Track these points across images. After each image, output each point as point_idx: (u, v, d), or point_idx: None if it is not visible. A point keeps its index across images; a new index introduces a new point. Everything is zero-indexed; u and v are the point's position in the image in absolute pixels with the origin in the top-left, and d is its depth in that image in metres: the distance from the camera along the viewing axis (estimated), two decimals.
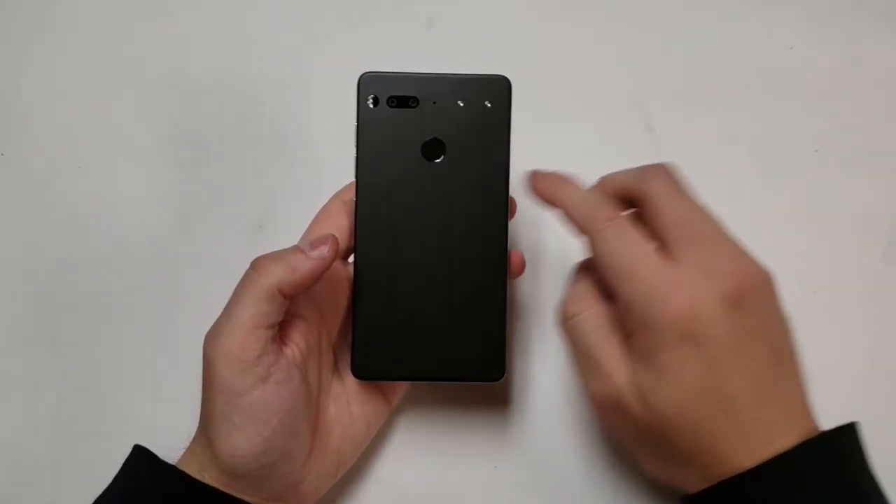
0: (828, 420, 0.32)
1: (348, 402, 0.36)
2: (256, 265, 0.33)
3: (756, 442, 0.30)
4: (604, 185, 0.34)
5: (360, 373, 0.35)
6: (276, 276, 0.32)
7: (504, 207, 0.35)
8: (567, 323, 0.33)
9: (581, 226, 0.33)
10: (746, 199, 0.44)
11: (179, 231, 0.44)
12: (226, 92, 0.47)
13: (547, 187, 0.34)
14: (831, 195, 0.44)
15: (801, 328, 0.41)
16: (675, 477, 0.32)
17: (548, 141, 0.45)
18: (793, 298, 0.42)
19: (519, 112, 0.36)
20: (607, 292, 0.33)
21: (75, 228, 0.45)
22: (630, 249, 0.31)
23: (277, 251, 0.33)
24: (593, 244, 0.32)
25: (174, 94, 0.47)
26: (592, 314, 0.32)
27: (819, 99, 0.45)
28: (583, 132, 0.45)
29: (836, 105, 0.45)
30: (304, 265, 0.32)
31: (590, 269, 0.34)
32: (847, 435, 0.31)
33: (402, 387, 0.39)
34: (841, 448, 0.30)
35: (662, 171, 0.33)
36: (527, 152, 0.40)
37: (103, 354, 0.43)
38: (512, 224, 0.36)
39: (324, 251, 0.33)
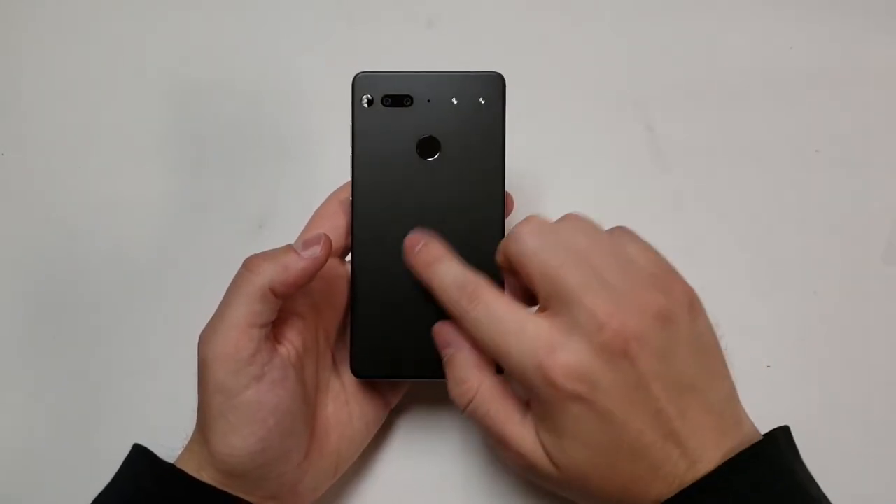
0: (829, 419, 0.32)
1: (347, 401, 0.36)
2: (248, 264, 0.33)
3: (671, 476, 0.29)
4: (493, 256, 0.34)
5: (360, 372, 0.35)
6: (268, 275, 0.32)
7: (500, 204, 0.35)
8: (466, 413, 0.32)
9: (450, 310, 0.32)
10: (746, 200, 0.44)
11: (179, 231, 0.44)
12: (226, 92, 0.47)
13: (418, 262, 0.34)
14: (831, 195, 0.44)
15: (801, 328, 0.42)
16: None
17: (547, 141, 0.45)
18: (792, 298, 0.42)
19: (519, 112, 0.36)
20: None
21: (75, 228, 0.45)
22: (498, 325, 0.31)
23: (270, 250, 0.33)
24: (465, 329, 0.32)
25: (174, 94, 0.47)
26: (481, 396, 0.32)
27: (819, 99, 0.45)
28: (583, 132, 0.45)
29: (837, 105, 0.45)
30: (297, 264, 0.32)
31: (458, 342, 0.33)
32: (764, 447, 0.30)
33: (402, 387, 0.39)
34: (758, 465, 0.30)
35: (530, 228, 0.32)
36: (527, 152, 0.40)
37: (103, 354, 0.43)
38: (508, 221, 0.36)
39: (316, 251, 0.33)
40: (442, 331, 0.33)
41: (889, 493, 0.31)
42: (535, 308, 0.32)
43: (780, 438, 0.31)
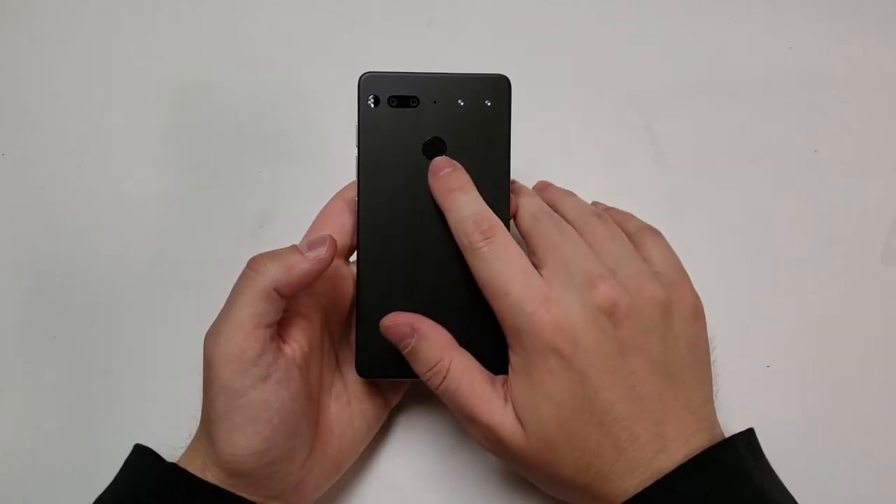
0: (829, 419, 0.32)
1: (349, 401, 0.37)
2: (253, 264, 0.33)
3: (634, 460, 0.30)
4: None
5: (364, 371, 0.35)
6: (272, 275, 0.32)
7: (505, 205, 0.35)
8: (439, 390, 0.33)
9: (460, 241, 0.33)
10: (746, 200, 0.44)
11: (180, 231, 0.44)
12: (226, 92, 0.47)
13: (440, 186, 0.34)
14: (831, 195, 0.44)
15: (800, 328, 0.42)
16: (570, 500, 0.33)
17: (547, 141, 0.45)
18: (791, 299, 0.42)
19: (519, 111, 0.36)
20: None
21: (75, 228, 0.45)
22: (504, 267, 0.32)
23: (275, 251, 0.33)
24: (470, 261, 0.33)
25: (175, 94, 0.47)
26: (452, 372, 0.32)
27: (819, 99, 0.45)
28: (583, 132, 0.45)
29: (836, 105, 0.45)
30: (301, 265, 0.32)
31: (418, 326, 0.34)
32: (731, 450, 0.31)
33: (402, 387, 0.39)
34: (724, 467, 0.30)
35: (543, 191, 0.34)
36: (527, 152, 0.40)
37: (103, 354, 0.43)
38: (513, 222, 0.36)
39: (321, 252, 0.33)
40: (395, 322, 0.33)
41: (889, 493, 0.31)
42: None
43: (740, 442, 0.31)
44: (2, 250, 0.44)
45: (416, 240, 0.35)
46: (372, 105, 0.35)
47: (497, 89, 0.35)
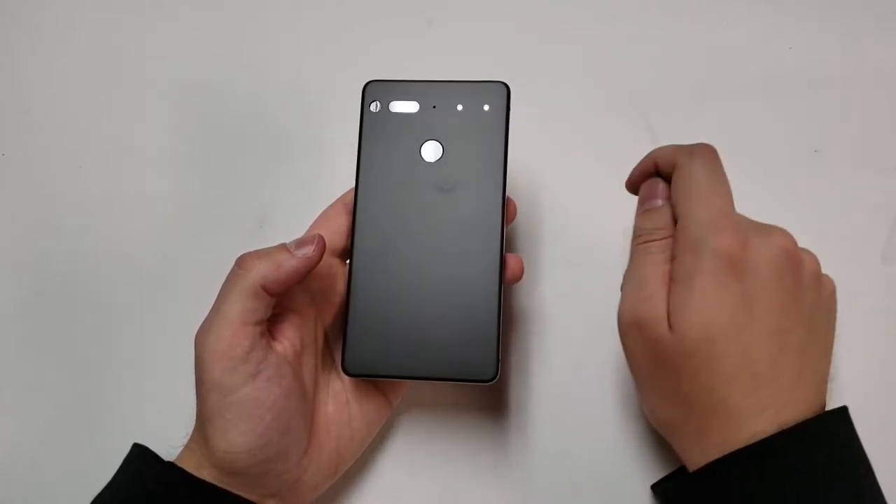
0: None
1: (347, 400, 0.36)
2: (241, 262, 0.33)
3: (764, 402, 0.29)
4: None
5: (350, 370, 0.35)
6: (260, 272, 0.32)
7: (500, 208, 0.35)
8: (639, 245, 0.33)
9: (671, 156, 0.34)
10: (745, 199, 0.44)
11: (179, 231, 0.44)
12: (226, 92, 0.47)
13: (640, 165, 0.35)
14: (831, 195, 0.44)
15: None
16: (674, 420, 0.32)
17: (548, 141, 0.45)
18: None
19: (519, 111, 0.36)
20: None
21: (75, 229, 0.45)
22: (709, 182, 0.32)
23: (263, 249, 0.33)
24: (678, 170, 0.33)
25: (175, 94, 0.47)
26: (664, 244, 0.33)
27: (819, 99, 0.45)
28: (583, 132, 0.45)
29: (836, 105, 0.45)
30: (289, 263, 0.32)
31: (664, 205, 0.34)
32: (842, 419, 0.31)
33: (403, 387, 0.39)
34: (838, 431, 0.31)
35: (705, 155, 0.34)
36: (527, 152, 0.41)
37: (103, 354, 0.43)
38: (512, 227, 0.36)
39: (309, 251, 0.33)
40: (653, 183, 0.34)
41: (890, 493, 0.31)
42: None
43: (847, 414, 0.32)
44: (2, 250, 0.44)
45: (410, 240, 0.35)
46: (373, 109, 0.36)
47: (496, 95, 0.36)
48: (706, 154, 0.33)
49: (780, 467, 0.29)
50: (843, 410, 0.31)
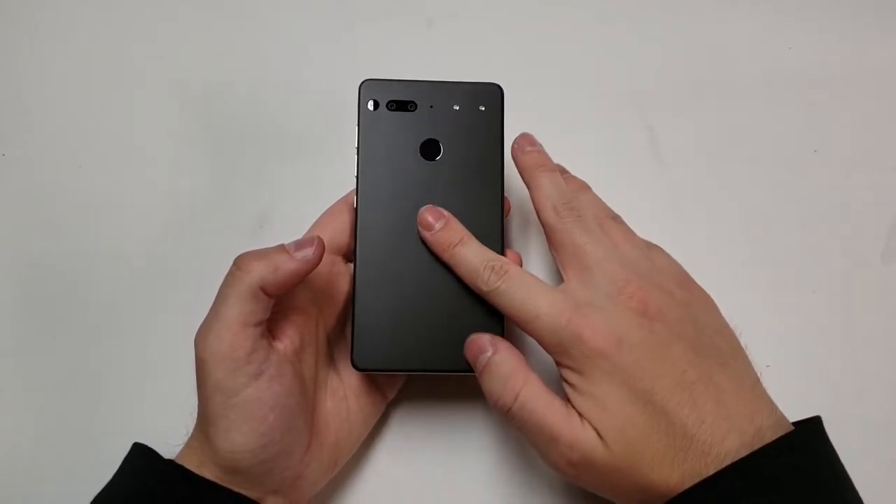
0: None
1: (345, 396, 0.37)
2: (240, 263, 0.33)
3: (705, 443, 0.29)
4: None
5: (360, 365, 0.35)
6: (259, 274, 0.32)
7: (499, 204, 0.36)
8: (511, 412, 0.32)
9: (479, 289, 0.34)
10: (746, 199, 0.44)
11: (180, 231, 0.44)
12: (226, 92, 0.47)
13: (439, 242, 0.35)
14: (830, 195, 0.44)
15: (800, 328, 0.42)
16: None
17: (548, 141, 0.45)
18: (792, 298, 0.42)
19: (518, 112, 0.36)
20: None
21: (75, 228, 0.45)
22: (527, 293, 0.32)
23: (262, 249, 0.33)
24: (493, 302, 0.33)
25: (174, 93, 0.47)
26: (527, 391, 0.32)
27: (819, 99, 0.45)
28: (583, 132, 0.45)
29: (836, 105, 0.45)
30: (287, 265, 0.32)
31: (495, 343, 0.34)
32: (817, 433, 0.31)
33: (398, 382, 0.39)
34: (813, 448, 0.31)
35: (554, 196, 0.35)
36: None
37: (103, 354, 0.43)
38: (508, 224, 0.36)
39: (308, 253, 0.33)
40: (477, 338, 0.34)
41: (890, 493, 0.31)
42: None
43: (820, 425, 0.32)
44: (2, 250, 0.44)
45: (412, 237, 0.36)
46: (371, 108, 0.37)
47: (490, 96, 0.37)
48: (508, 276, 0.33)
49: (756, 485, 0.28)
50: (814, 421, 0.31)
